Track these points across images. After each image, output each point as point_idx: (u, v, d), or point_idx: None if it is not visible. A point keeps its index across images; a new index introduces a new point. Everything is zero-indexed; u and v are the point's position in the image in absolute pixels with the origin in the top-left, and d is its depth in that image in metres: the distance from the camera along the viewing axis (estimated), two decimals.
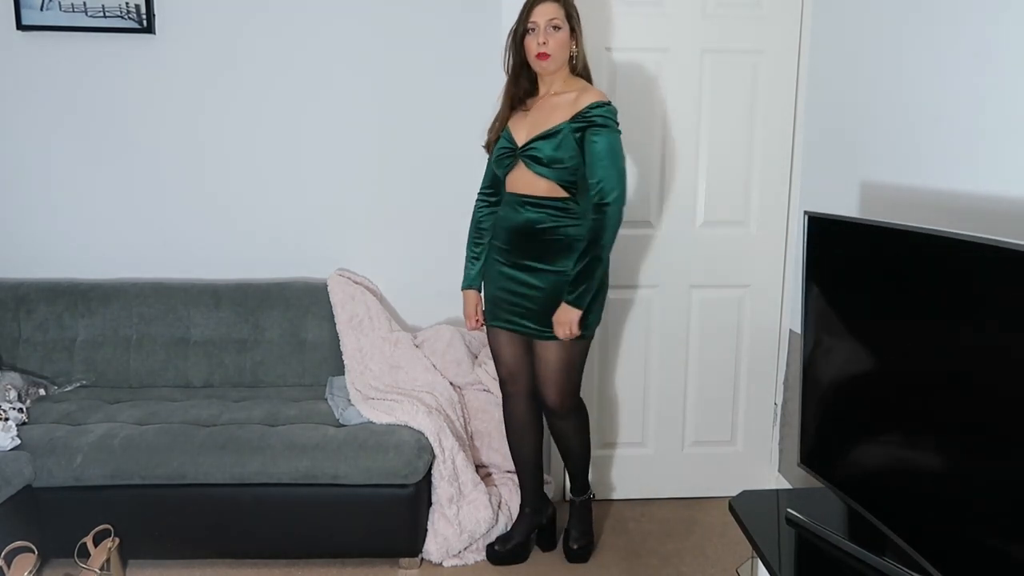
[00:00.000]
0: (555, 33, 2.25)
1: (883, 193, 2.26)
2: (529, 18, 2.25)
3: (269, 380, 2.88)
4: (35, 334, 2.86)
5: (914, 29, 2.11)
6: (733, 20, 2.72)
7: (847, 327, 1.84)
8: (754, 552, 1.89)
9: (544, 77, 2.33)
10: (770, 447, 3.00)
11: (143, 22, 2.82)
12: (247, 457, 2.37)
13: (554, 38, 2.25)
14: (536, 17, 2.24)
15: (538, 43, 2.25)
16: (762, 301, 2.90)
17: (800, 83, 2.76)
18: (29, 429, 2.44)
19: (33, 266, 2.97)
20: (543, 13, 2.24)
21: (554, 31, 2.25)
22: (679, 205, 2.83)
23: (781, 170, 2.82)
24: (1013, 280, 1.32)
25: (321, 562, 2.53)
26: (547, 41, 2.24)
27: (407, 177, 2.95)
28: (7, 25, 2.81)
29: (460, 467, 2.54)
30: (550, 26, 2.24)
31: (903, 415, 1.64)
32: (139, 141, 2.92)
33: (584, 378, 2.49)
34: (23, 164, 2.92)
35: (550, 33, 2.24)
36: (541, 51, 2.25)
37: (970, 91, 1.88)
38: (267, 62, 2.89)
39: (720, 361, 2.93)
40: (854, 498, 1.78)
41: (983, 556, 1.43)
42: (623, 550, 2.66)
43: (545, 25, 2.24)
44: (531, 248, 2.31)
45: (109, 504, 2.39)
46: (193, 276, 2.99)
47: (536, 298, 2.32)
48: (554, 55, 2.26)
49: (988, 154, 1.83)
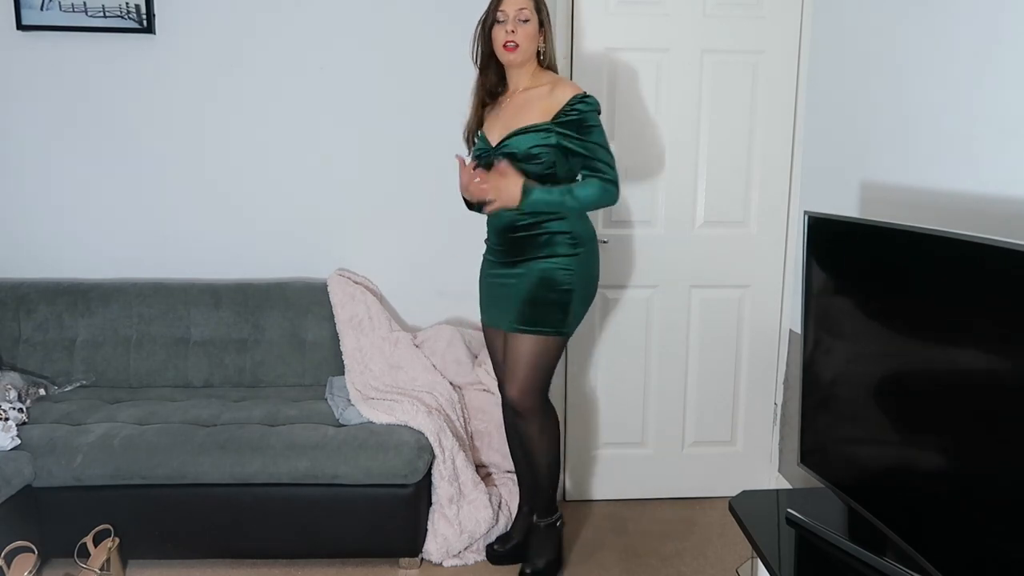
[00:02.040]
0: (524, 25, 2.23)
1: (883, 193, 2.26)
2: (498, 8, 2.25)
3: (269, 380, 2.88)
4: (35, 334, 2.85)
5: (914, 29, 2.11)
6: (733, 20, 2.72)
7: (847, 327, 1.84)
8: (754, 552, 1.89)
9: (511, 71, 2.32)
10: (770, 447, 3.00)
11: (143, 22, 2.82)
12: (247, 457, 2.37)
13: (522, 29, 2.23)
14: (505, 7, 2.23)
15: (506, 31, 2.23)
16: (762, 301, 2.90)
17: (800, 83, 2.76)
18: (29, 429, 2.44)
19: (33, 266, 2.97)
20: (512, 4, 2.23)
21: (523, 23, 2.23)
22: (679, 205, 2.83)
23: (781, 170, 2.82)
24: (1013, 280, 1.32)
25: (321, 562, 2.53)
26: (515, 30, 2.23)
27: (408, 177, 2.95)
28: (7, 25, 2.81)
29: (460, 467, 2.54)
30: (519, 18, 2.23)
31: (903, 415, 1.64)
32: (139, 141, 2.92)
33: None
34: (23, 164, 2.92)
35: (519, 25, 2.23)
36: (508, 41, 2.23)
37: (970, 91, 1.88)
38: (267, 62, 2.89)
39: (720, 361, 2.93)
40: (854, 498, 1.78)
41: (983, 556, 1.43)
42: (623, 550, 2.66)
43: (514, 16, 2.23)
44: (517, 246, 2.30)
45: (109, 504, 2.39)
46: (193, 276, 2.99)
47: (515, 286, 2.30)
48: (522, 46, 2.24)
49: (988, 154, 1.82)
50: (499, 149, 2.27)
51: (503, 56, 2.27)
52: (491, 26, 2.27)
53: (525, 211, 2.23)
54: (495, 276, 2.38)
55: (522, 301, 2.29)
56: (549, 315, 2.28)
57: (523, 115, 2.25)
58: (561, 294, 2.27)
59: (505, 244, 2.33)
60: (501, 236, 2.33)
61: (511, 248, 2.31)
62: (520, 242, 2.29)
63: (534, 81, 2.31)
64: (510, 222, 2.29)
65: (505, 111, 2.31)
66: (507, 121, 2.29)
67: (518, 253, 2.30)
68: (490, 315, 2.43)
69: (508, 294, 2.32)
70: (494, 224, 2.36)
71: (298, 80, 2.89)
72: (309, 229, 2.99)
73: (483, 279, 2.45)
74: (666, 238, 2.84)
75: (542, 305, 2.27)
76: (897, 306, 1.64)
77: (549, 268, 2.26)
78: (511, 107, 2.30)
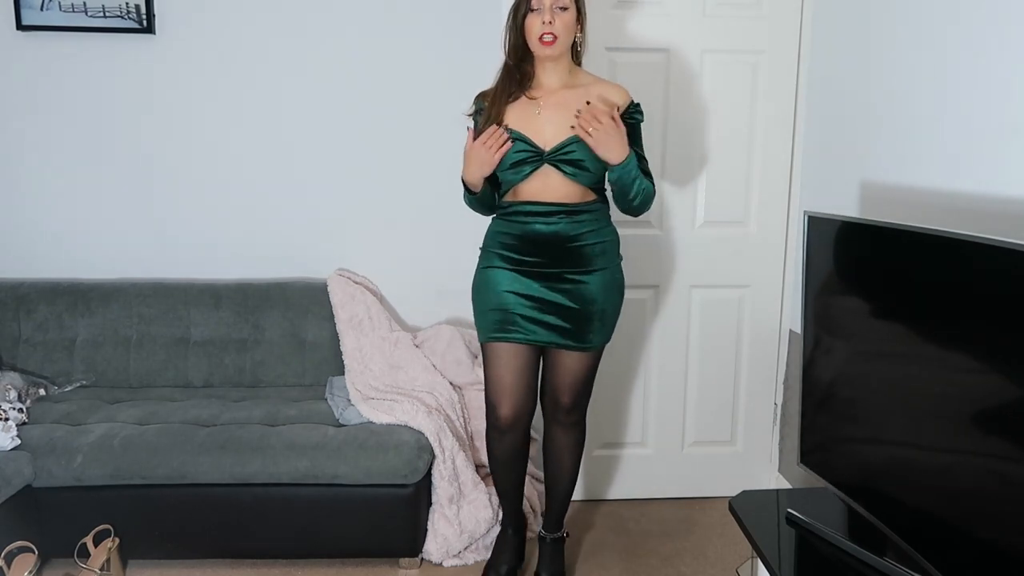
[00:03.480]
0: (562, 14, 2.03)
1: (883, 193, 2.26)
2: None
3: (269, 380, 2.88)
4: (35, 334, 2.85)
5: (914, 29, 2.11)
6: (733, 20, 2.72)
7: (847, 327, 1.84)
8: (754, 552, 1.89)
9: (545, 64, 2.11)
10: (770, 447, 3.00)
11: (143, 22, 2.82)
12: (247, 457, 2.37)
13: (560, 19, 2.02)
14: None
15: (543, 22, 2.02)
16: (762, 301, 2.90)
17: (800, 83, 2.76)
18: (29, 429, 2.44)
19: (33, 266, 2.97)
20: None
21: (560, 11, 2.02)
22: (679, 205, 2.83)
23: (781, 170, 2.82)
24: (1013, 280, 1.32)
25: (321, 562, 2.53)
26: (553, 21, 2.01)
27: (408, 177, 2.95)
28: (7, 25, 2.81)
29: (460, 467, 2.54)
30: (556, 5, 2.02)
31: (903, 415, 1.63)
32: (139, 141, 2.92)
33: None
34: (23, 164, 2.92)
35: (556, 13, 2.02)
36: (546, 33, 2.02)
37: (970, 91, 1.88)
38: (267, 62, 2.89)
39: (720, 361, 2.93)
40: (854, 498, 1.78)
41: (983, 556, 1.43)
42: (623, 550, 2.66)
43: (551, 4, 2.02)
44: (565, 259, 2.13)
45: (109, 504, 2.39)
46: (193, 276, 2.99)
47: (582, 299, 2.14)
48: (560, 38, 2.03)
49: (988, 154, 1.82)
50: (558, 154, 2.08)
51: (539, 50, 2.06)
52: (524, 15, 2.05)
53: (613, 175, 2.06)
54: (528, 292, 2.15)
55: (593, 316, 2.16)
56: (612, 325, 2.23)
57: (573, 116, 2.06)
58: (620, 301, 2.24)
59: (555, 255, 2.13)
60: (536, 247, 2.13)
61: (565, 259, 2.13)
62: (578, 253, 2.13)
63: (573, 79, 2.14)
64: (555, 234, 2.11)
65: (552, 111, 2.10)
66: (561, 121, 2.08)
67: (576, 264, 2.14)
68: (509, 331, 2.17)
69: (568, 309, 2.14)
70: (523, 234, 2.15)
71: (298, 80, 2.89)
72: (309, 229, 2.99)
73: (493, 290, 2.19)
74: (666, 238, 2.84)
75: (611, 316, 2.21)
76: (897, 306, 1.64)
77: (615, 279, 2.19)
78: (553, 107, 2.10)
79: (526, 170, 2.10)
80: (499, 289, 2.17)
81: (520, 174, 2.12)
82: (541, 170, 2.10)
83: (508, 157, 2.08)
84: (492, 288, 2.19)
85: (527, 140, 2.08)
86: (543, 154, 2.08)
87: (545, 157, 2.08)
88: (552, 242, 2.12)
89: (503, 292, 2.17)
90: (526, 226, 2.14)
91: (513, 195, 2.18)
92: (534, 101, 2.12)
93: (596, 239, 2.15)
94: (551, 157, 2.08)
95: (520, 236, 2.15)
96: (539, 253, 2.14)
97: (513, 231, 2.16)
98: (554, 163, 2.08)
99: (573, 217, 2.12)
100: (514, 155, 2.08)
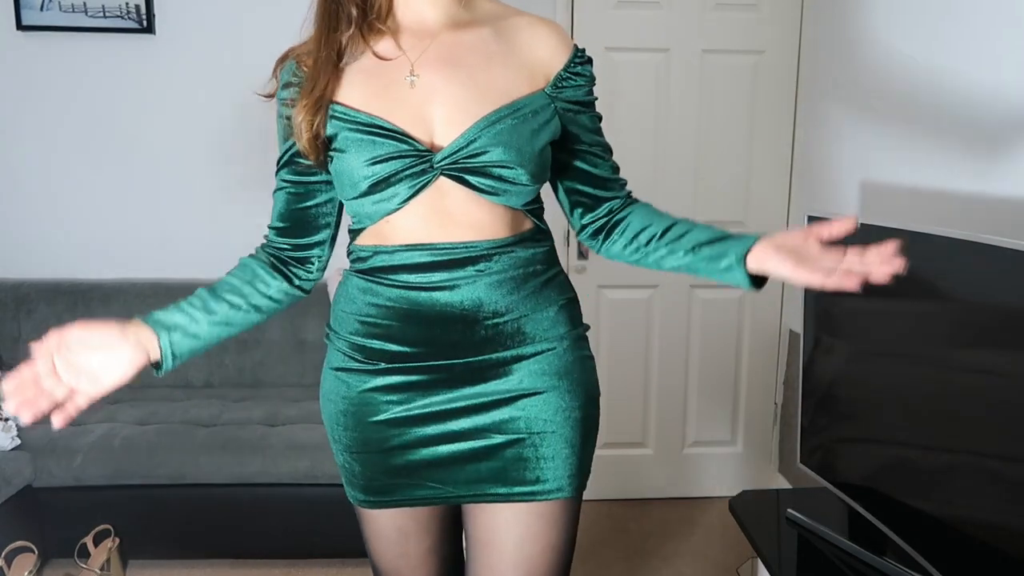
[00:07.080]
0: None
1: (883, 193, 2.26)
2: None
3: (269, 380, 2.88)
4: (35, 334, 2.82)
5: (913, 29, 2.11)
6: (733, 20, 2.72)
7: (847, 327, 1.84)
8: (754, 552, 1.89)
9: None
10: (770, 447, 3.00)
11: (143, 22, 2.82)
12: (247, 457, 2.37)
13: None
14: None
15: None
16: (762, 301, 2.90)
17: (800, 83, 2.76)
18: (29, 429, 2.44)
19: (33, 266, 2.97)
20: None
21: None
22: (679, 205, 2.80)
23: (781, 170, 2.82)
24: (1013, 280, 1.32)
25: (321, 562, 2.53)
26: None
27: None
28: (7, 25, 2.80)
29: None
30: None
31: (903, 415, 1.63)
32: (139, 141, 2.92)
33: None
34: (23, 164, 2.92)
35: None
36: None
37: (970, 90, 1.88)
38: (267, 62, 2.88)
39: (720, 361, 2.93)
40: (854, 498, 1.78)
41: (983, 556, 1.43)
42: (623, 550, 2.66)
43: None
44: (485, 347, 1.18)
45: (109, 504, 2.39)
46: (193, 276, 2.99)
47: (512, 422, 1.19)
48: None
49: (988, 154, 1.82)
50: (460, 157, 1.12)
51: None
52: None
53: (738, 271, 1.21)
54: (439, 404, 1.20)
55: (566, 440, 1.21)
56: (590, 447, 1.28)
57: (481, 78, 1.15)
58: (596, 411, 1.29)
59: (466, 344, 1.18)
60: (448, 331, 1.17)
61: (484, 347, 1.18)
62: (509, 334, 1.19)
63: (469, 10, 1.20)
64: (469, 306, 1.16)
65: (431, 74, 1.15)
66: (455, 97, 1.14)
67: (507, 352, 1.19)
68: (399, 489, 1.26)
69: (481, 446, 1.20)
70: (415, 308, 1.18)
71: None
72: None
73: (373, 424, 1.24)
74: None
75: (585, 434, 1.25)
76: (897, 306, 1.64)
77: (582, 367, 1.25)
78: (438, 66, 1.15)
79: (401, 191, 1.13)
80: (366, 419, 1.25)
81: (390, 200, 1.14)
82: (430, 189, 1.14)
83: (360, 172, 1.13)
84: (352, 414, 1.27)
85: (399, 133, 1.13)
86: (431, 159, 1.13)
87: (437, 164, 1.13)
88: (459, 320, 1.17)
89: (372, 424, 1.24)
90: (407, 293, 1.18)
91: (376, 236, 1.22)
92: (399, 59, 1.16)
93: (542, 305, 1.21)
94: (447, 163, 1.13)
95: (395, 311, 1.19)
96: (435, 342, 1.18)
97: (380, 302, 1.21)
98: (454, 174, 1.13)
99: (495, 269, 1.17)
100: (372, 167, 1.13)
